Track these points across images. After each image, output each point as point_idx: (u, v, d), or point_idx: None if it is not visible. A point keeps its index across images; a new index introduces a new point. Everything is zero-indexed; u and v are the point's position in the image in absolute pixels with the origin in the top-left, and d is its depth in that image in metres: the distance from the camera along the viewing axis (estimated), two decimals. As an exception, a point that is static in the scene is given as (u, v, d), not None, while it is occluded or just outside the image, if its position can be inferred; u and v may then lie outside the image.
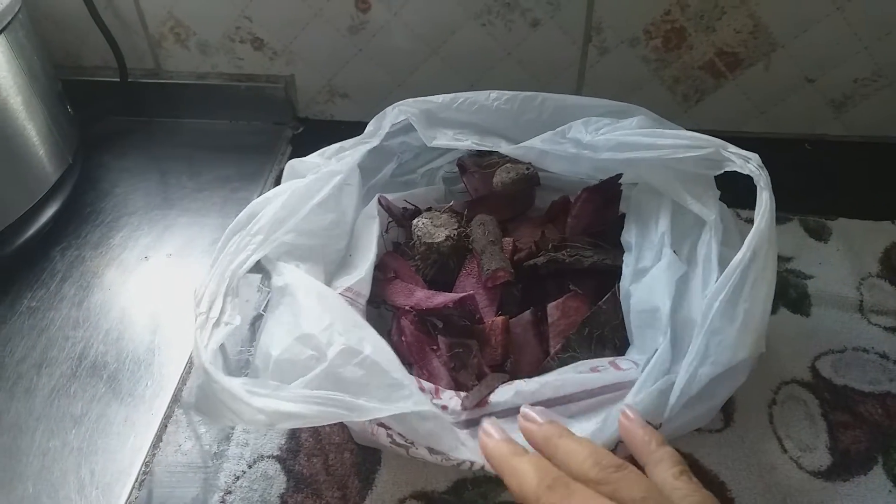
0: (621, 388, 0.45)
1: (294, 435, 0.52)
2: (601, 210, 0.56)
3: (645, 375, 0.44)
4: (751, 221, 0.65)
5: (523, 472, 0.35)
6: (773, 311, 0.57)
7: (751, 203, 0.58)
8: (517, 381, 0.46)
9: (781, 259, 0.61)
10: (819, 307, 0.57)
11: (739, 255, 0.44)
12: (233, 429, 0.52)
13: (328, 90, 0.77)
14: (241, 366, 0.56)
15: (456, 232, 0.55)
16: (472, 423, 0.45)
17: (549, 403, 0.45)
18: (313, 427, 0.51)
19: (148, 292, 0.63)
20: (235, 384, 0.41)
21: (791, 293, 0.58)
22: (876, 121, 0.71)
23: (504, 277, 0.52)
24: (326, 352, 0.43)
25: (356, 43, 0.72)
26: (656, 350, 0.45)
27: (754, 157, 0.47)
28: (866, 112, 0.71)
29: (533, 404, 0.44)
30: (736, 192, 0.50)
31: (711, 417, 0.49)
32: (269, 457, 0.50)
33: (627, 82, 0.71)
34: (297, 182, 0.53)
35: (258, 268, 0.50)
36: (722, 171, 0.49)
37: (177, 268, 0.66)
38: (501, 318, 0.51)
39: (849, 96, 0.70)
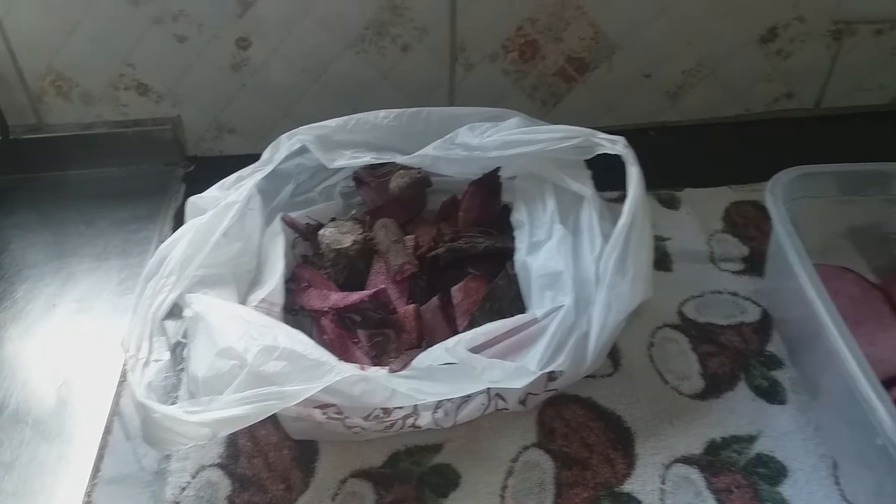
0: (523, 329, 0.52)
1: (232, 442, 0.54)
2: (486, 202, 0.63)
3: (555, 327, 0.51)
4: (610, 200, 0.74)
5: None
6: (642, 271, 0.66)
7: (607, 185, 0.65)
8: (438, 345, 0.51)
9: (643, 228, 0.70)
10: (678, 262, 0.67)
11: (622, 221, 0.53)
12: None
13: (216, 127, 0.80)
14: (168, 391, 0.59)
15: (361, 236, 0.60)
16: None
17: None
18: (249, 432, 0.54)
19: (62, 337, 0.64)
20: (174, 409, 0.45)
21: (654, 254, 0.67)
22: (704, 105, 0.83)
23: (410, 270, 0.58)
24: (246, 357, 0.47)
25: (239, 79, 0.76)
26: (562, 306, 0.52)
27: (620, 139, 0.56)
28: (695, 99, 0.83)
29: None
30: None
31: (602, 360, 0.56)
32: (210, 465, 0.53)
33: (492, 94, 0.80)
34: (198, 220, 0.57)
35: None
36: (594, 155, 0.57)
37: (87, 312, 0.67)
38: (412, 306, 0.57)
39: (680, 86, 0.82)
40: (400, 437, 0.53)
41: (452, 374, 0.49)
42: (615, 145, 0.55)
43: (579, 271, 0.54)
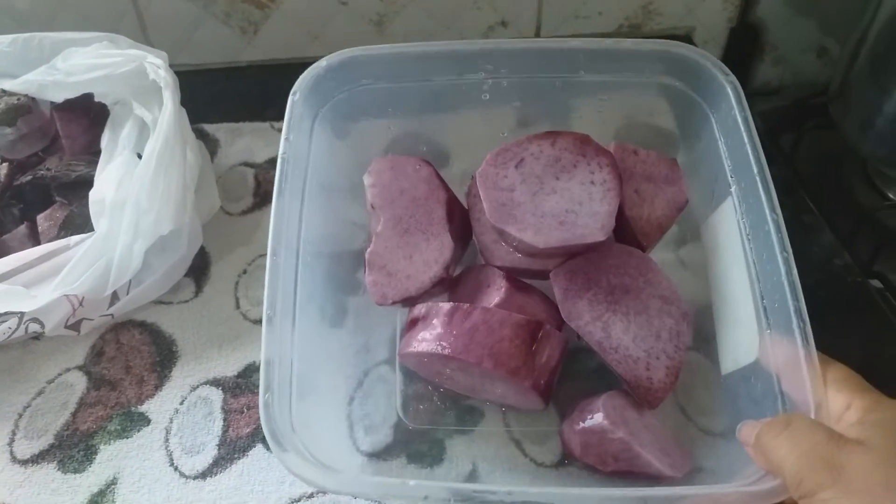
0: (55, 255, 0.52)
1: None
2: (94, 128, 0.63)
3: (81, 254, 0.51)
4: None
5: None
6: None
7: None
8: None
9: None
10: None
11: (150, 145, 0.53)
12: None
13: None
14: None
15: (-45, 165, 0.60)
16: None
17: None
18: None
19: None
20: None
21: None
22: (415, 34, 0.81)
23: (-10, 197, 0.58)
24: None
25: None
26: (92, 234, 0.53)
27: (161, 63, 0.55)
28: (404, 27, 0.81)
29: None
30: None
31: (165, 288, 0.57)
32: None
33: (185, 22, 0.78)
34: None
35: None
36: (151, 79, 0.56)
37: None
38: (-14, 233, 0.57)
39: (383, 14, 0.80)
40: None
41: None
42: (158, 70, 0.54)
43: (126, 196, 0.54)
